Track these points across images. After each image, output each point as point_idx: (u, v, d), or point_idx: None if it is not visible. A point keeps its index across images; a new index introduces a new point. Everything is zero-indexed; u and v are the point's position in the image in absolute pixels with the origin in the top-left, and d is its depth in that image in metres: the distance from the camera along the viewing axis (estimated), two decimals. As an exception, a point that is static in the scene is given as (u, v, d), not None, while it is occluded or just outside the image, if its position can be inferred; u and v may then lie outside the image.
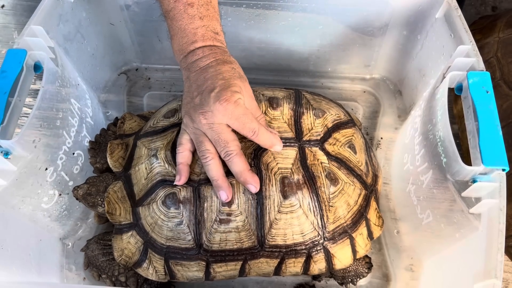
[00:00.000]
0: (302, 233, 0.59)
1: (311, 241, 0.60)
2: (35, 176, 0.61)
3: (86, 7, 0.74)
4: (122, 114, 0.74)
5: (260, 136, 0.56)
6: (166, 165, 0.60)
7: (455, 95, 0.78)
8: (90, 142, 0.72)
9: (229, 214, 0.58)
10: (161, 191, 0.59)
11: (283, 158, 0.60)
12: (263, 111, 0.63)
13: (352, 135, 0.66)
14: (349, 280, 0.68)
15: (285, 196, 0.58)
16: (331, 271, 0.67)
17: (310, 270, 0.63)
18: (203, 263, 0.60)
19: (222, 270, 0.61)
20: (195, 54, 0.58)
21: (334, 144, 0.63)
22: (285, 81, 0.87)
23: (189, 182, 0.59)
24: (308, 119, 0.64)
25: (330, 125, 0.65)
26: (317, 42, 0.80)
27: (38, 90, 0.59)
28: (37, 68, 0.63)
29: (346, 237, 0.62)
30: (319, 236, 0.60)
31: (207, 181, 0.58)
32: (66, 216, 0.70)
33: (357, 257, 0.64)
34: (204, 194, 0.58)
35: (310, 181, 0.59)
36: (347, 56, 0.83)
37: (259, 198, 0.58)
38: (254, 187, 0.56)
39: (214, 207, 0.58)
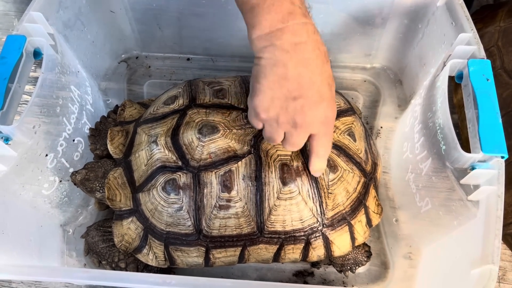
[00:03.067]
0: (301, 220, 0.60)
1: (310, 227, 0.60)
2: (35, 162, 0.61)
3: (86, -6, 0.74)
4: (122, 102, 0.74)
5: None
6: (166, 151, 0.60)
7: (455, 85, 0.78)
8: (90, 129, 0.72)
9: (228, 200, 0.58)
10: (161, 177, 0.59)
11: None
12: None
13: (352, 123, 0.66)
14: (348, 267, 0.68)
15: (284, 182, 0.58)
16: (330, 258, 0.68)
17: (309, 257, 0.63)
18: (203, 248, 0.60)
19: (222, 256, 0.61)
20: (289, 28, 0.48)
21: (334, 132, 0.63)
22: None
23: (189, 168, 0.59)
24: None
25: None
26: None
27: (38, 77, 0.59)
28: (37, 54, 0.63)
29: (345, 224, 0.62)
30: (318, 223, 0.60)
31: (207, 167, 0.58)
32: (67, 202, 0.70)
33: (356, 244, 0.64)
34: (204, 180, 0.58)
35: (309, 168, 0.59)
36: (348, 45, 0.83)
37: (259, 185, 0.58)
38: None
39: (213, 193, 0.58)
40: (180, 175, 0.59)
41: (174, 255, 0.62)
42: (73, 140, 0.68)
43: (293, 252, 0.62)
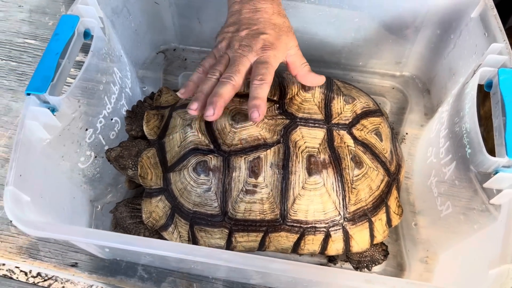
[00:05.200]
0: (323, 211, 0.62)
1: (331, 219, 0.62)
2: (76, 135, 0.65)
3: (134, -17, 0.78)
4: (158, 89, 0.78)
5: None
6: (200, 135, 0.63)
7: (483, 97, 0.80)
8: (127, 111, 0.76)
9: (255, 186, 0.60)
10: (193, 159, 0.62)
11: (311, 138, 0.62)
12: (295, 93, 0.66)
13: (380, 124, 0.68)
14: (365, 265, 0.69)
15: (310, 173, 0.60)
16: (347, 254, 0.69)
17: (327, 250, 0.65)
18: (226, 231, 0.63)
19: (243, 240, 0.64)
20: None
21: (362, 130, 0.65)
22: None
23: (220, 152, 0.61)
24: (338, 104, 0.66)
25: (359, 111, 0.67)
26: (351, 35, 0.82)
27: (83, 61, 0.63)
28: (86, 35, 0.67)
29: (365, 220, 0.64)
30: (340, 216, 0.62)
31: (237, 153, 0.61)
32: (98, 179, 0.74)
33: (375, 242, 0.65)
34: (233, 165, 0.61)
35: (336, 161, 0.61)
36: (379, 52, 0.85)
37: (285, 173, 0.60)
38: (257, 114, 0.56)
39: (241, 177, 0.61)
40: (211, 157, 0.61)
41: (198, 235, 0.64)
42: (111, 119, 0.72)
43: (312, 243, 0.64)
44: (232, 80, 0.57)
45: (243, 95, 0.66)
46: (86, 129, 0.66)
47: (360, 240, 0.64)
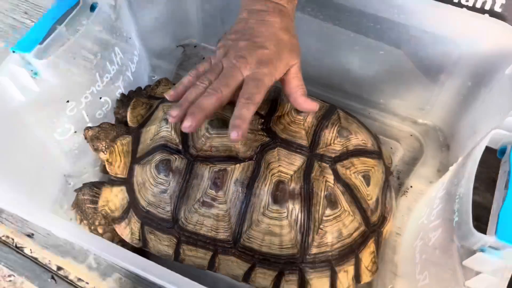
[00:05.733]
0: (280, 246, 0.55)
1: (288, 257, 0.55)
2: (55, 103, 0.63)
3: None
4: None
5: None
6: (172, 132, 0.59)
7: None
8: (122, 94, 0.74)
9: (213, 199, 0.55)
10: (158, 155, 0.58)
11: (288, 162, 0.56)
12: (287, 111, 0.60)
13: (373, 167, 0.61)
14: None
15: (275, 200, 0.54)
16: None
17: (281, 290, 0.58)
18: (175, 240, 0.58)
19: (192, 254, 0.58)
20: (264, 4, 0.58)
21: (348, 168, 0.58)
22: (334, 100, 0.82)
23: (187, 154, 0.57)
24: (329, 134, 0.60)
25: (351, 148, 0.60)
26: (374, 68, 0.76)
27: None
28: (93, 9, 0.65)
29: (327, 268, 0.56)
30: (298, 255, 0.55)
31: (204, 159, 0.56)
32: (76, 156, 0.72)
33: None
34: (196, 171, 0.56)
35: (307, 195, 0.55)
36: (403, 93, 0.78)
37: (248, 194, 0.55)
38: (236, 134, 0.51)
39: (202, 187, 0.56)
40: (176, 158, 0.57)
41: (147, 237, 0.60)
42: (100, 98, 0.70)
43: (264, 278, 0.57)
44: (218, 92, 0.53)
45: (229, 102, 0.61)
46: (68, 101, 0.64)
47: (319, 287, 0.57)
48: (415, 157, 0.78)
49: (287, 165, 0.56)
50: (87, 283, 0.68)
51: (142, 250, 0.62)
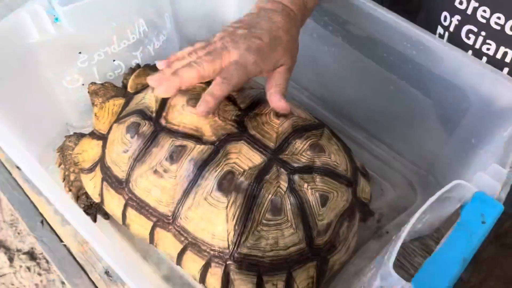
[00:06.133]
0: (213, 234, 0.54)
1: (217, 249, 0.54)
2: (68, 51, 0.68)
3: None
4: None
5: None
6: (153, 101, 0.61)
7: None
8: (137, 64, 0.78)
9: (165, 171, 0.56)
10: (132, 118, 0.61)
11: (246, 158, 0.56)
12: (266, 112, 0.60)
13: (335, 190, 0.58)
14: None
15: (219, 187, 0.54)
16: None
17: (206, 281, 0.57)
18: (123, 200, 0.59)
19: (136, 220, 0.59)
20: (274, 3, 0.60)
21: (307, 182, 0.56)
22: (339, 127, 0.81)
23: (156, 123, 0.59)
24: (300, 144, 0.58)
25: (318, 164, 0.58)
26: (384, 103, 0.73)
27: None
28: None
29: (254, 274, 0.54)
30: (227, 251, 0.54)
31: (170, 132, 0.58)
32: (82, 108, 0.76)
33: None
34: (159, 141, 0.58)
35: (253, 193, 0.54)
36: (409, 136, 0.74)
37: (198, 174, 0.55)
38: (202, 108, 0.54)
39: (158, 156, 0.57)
40: (145, 123, 0.59)
41: (104, 193, 0.62)
42: (114, 60, 0.74)
43: (193, 263, 0.57)
44: (199, 66, 0.55)
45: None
46: (80, 52, 0.69)
47: (242, 292, 0.55)
48: (405, 206, 0.73)
49: (244, 160, 0.56)
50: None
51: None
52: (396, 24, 0.62)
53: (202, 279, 0.57)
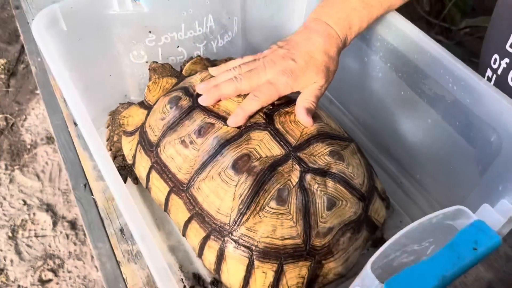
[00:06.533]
0: (218, 209, 0.58)
1: (219, 223, 0.57)
2: (139, 29, 0.76)
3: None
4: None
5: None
6: (199, 80, 0.67)
7: None
8: (198, 56, 0.85)
9: (191, 142, 0.61)
10: (176, 92, 0.67)
11: (266, 147, 0.59)
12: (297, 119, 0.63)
13: (345, 200, 0.59)
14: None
15: (234, 166, 0.57)
16: (216, 277, 0.62)
17: (203, 255, 0.60)
18: (149, 163, 0.65)
19: (156, 183, 0.64)
20: (319, 23, 0.65)
21: (318, 184, 0.58)
22: (376, 155, 0.82)
23: (194, 100, 0.64)
24: (320, 148, 0.61)
25: (334, 171, 0.60)
26: (419, 136, 0.73)
27: None
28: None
29: (246, 257, 0.56)
30: (227, 227, 0.57)
31: (204, 110, 0.63)
32: (142, 85, 0.83)
33: (245, 291, 0.57)
34: (193, 115, 0.63)
35: (264, 179, 0.57)
36: (439, 174, 0.73)
37: (217, 152, 0.59)
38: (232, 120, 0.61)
39: (188, 128, 0.62)
40: (186, 98, 0.65)
41: (136, 155, 0.68)
42: (178, 46, 0.82)
43: (195, 235, 0.60)
44: (238, 82, 0.63)
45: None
46: (150, 32, 0.77)
47: (232, 271, 0.57)
48: (420, 243, 0.72)
49: (264, 148, 0.59)
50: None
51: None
52: (441, 57, 0.63)
53: (201, 252, 0.60)
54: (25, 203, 1.82)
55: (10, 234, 1.73)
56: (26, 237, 1.72)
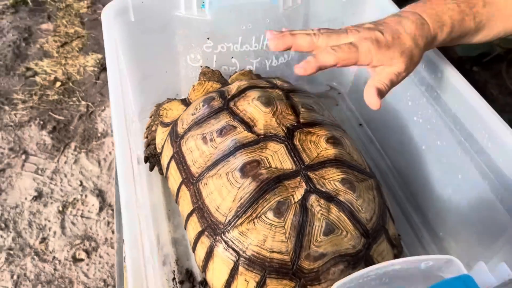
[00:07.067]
0: (217, 207, 0.59)
1: (215, 221, 0.58)
2: (199, 34, 0.82)
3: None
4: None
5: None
6: (235, 88, 0.70)
7: None
8: (250, 70, 0.88)
9: (211, 140, 0.64)
10: (213, 93, 0.70)
11: (279, 160, 0.60)
12: (318, 134, 0.63)
13: (347, 230, 0.57)
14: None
15: (241, 169, 0.59)
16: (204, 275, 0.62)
17: (195, 250, 0.61)
18: (171, 152, 0.68)
19: (173, 173, 0.67)
20: (413, 14, 0.60)
21: (321, 208, 0.57)
22: (403, 206, 0.79)
23: (226, 103, 0.67)
24: (333, 174, 0.60)
25: (341, 199, 0.58)
26: (448, 192, 0.69)
27: None
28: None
29: (232, 260, 0.56)
30: (222, 226, 0.58)
31: (231, 113, 0.65)
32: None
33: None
34: (219, 116, 0.66)
35: (267, 188, 0.57)
36: (462, 235, 0.68)
37: (231, 153, 0.61)
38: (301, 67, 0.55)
39: (213, 127, 0.65)
40: (219, 99, 0.68)
41: (164, 145, 0.72)
42: (232, 57, 0.86)
43: (192, 229, 0.62)
44: (315, 37, 0.57)
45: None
46: (208, 38, 0.82)
47: (217, 271, 0.58)
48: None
49: (276, 160, 0.60)
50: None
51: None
52: (481, 109, 0.60)
53: (194, 246, 0.61)
54: (81, 184, 1.95)
55: (60, 209, 1.85)
56: (73, 215, 1.84)
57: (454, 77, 0.65)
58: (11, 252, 0.81)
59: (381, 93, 0.56)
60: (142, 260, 0.48)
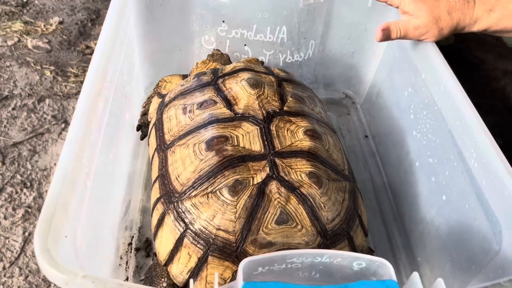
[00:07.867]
0: (178, 176, 0.58)
1: (172, 190, 0.58)
2: (215, 16, 0.83)
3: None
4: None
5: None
6: (231, 67, 0.70)
7: None
8: (261, 61, 0.87)
9: (190, 112, 0.63)
10: (208, 70, 0.70)
11: (248, 139, 0.59)
12: (298, 125, 0.61)
13: (304, 225, 0.54)
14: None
15: (207, 142, 0.58)
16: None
17: (152, 215, 0.60)
18: (155, 120, 0.68)
19: (152, 140, 0.68)
20: None
21: (280, 195, 0.54)
22: (388, 226, 0.74)
23: (214, 79, 0.67)
24: (302, 166, 0.57)
25: (303, 192, 0.55)
26: (431, 212, 0.64)
27: None
28: None
29: (180, 231, 0.55)
30: (177, 195, 0.57)
31: (216, 87, 0.65)
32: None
33: (169, 266, 0.56)
34: (204, 90, 0.65)
35: (228, 165, 0.56)
36: (439, 263, 0.63)
37: (204, 125, 0.60)
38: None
39: (196, 100, 0.65)
40: (209, 75, 0.69)
41: (154, 113, 0.72)
42: (244, 45, 0.86)
43: (154, 194, 0.61)
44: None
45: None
46: (223, 21, 0.83)
47: (164, 239, 0.57)
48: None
49: (245, 140, 0.58)
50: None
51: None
52: (474, 126, 0.56)
53: (152, 212, 0.61)
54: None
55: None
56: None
57: (454, 90, 0.60)
58: (29, 210, 0.86)
59: (388, 31, 0.64)
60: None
